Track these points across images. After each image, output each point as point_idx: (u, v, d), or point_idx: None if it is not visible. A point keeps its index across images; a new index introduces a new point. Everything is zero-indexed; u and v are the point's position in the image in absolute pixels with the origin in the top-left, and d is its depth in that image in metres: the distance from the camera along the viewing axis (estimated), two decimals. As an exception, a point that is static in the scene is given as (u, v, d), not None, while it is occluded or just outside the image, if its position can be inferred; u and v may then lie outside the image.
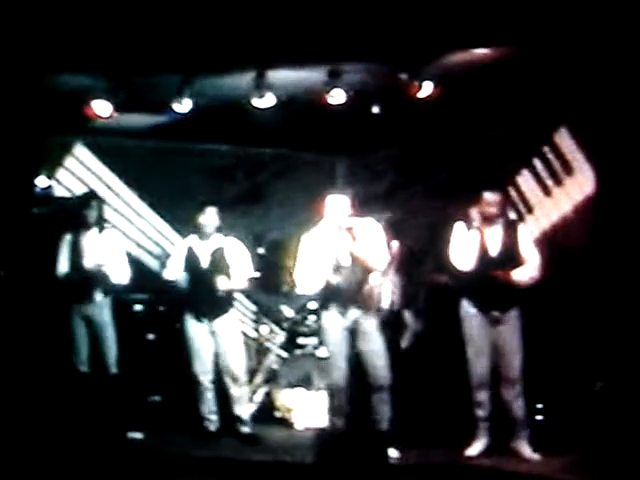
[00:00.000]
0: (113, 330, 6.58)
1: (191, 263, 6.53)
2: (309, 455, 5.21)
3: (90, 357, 6.50)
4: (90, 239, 6.55)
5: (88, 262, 6.46)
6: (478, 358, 5.89)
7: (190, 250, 6.56)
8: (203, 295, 6.46)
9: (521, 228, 6.04)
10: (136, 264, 7.35)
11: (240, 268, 6.55)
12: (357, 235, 5.88)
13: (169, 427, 6.73)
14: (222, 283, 6.41)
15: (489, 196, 5.86)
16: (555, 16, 5.53)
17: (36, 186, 7.65)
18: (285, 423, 6.97)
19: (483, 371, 5.89)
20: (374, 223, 6.05)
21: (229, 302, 6.55)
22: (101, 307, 6.51)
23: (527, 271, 5.85)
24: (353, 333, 5.92)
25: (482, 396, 5.90)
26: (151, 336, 7.34)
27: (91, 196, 6.86)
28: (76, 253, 6.50)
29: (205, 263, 6.50)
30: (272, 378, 7.14)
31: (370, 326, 5.92)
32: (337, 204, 5.94)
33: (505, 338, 5.84)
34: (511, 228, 5.96)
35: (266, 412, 6.99)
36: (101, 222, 6.63)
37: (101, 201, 6.84)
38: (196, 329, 6.49)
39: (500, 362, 5.86)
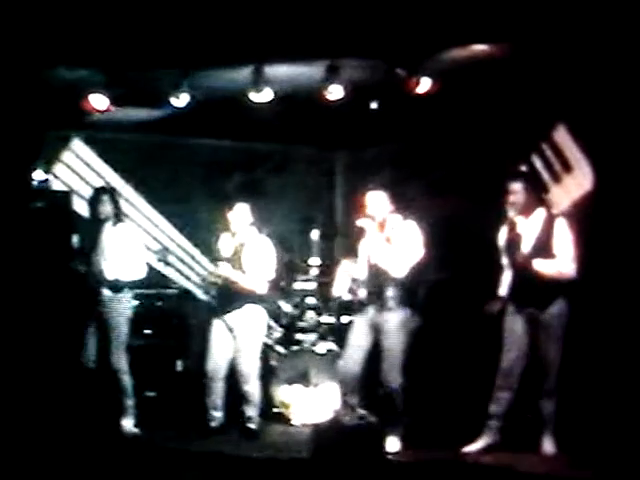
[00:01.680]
0: (126, 328, 6.50)
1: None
2: (307, 451, 5.20)
3: (97, 354, 6.44)
4: (104, 234, 6.48)
5: (101, 257, 6.42)
6: (507, 354, 5.82)
7: (219, 247, 6.61)
8: (218, 289, 6.54)
9: (558, 222, 5.86)
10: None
11: (256, 267, 6.44)
12: (387, 233, 5.95)
13: (165, 422, 6.73)
14: (223, 270, 6.41)
15: (513, 185, 5.82)
16: (553, 12, 5.52)
17: (33, 180, 7.61)
18: (283, 419, 6.96)
19: (509, 368, 5.80)
20: (411, 223, 6.05)
21: (243, 297, 6.45)
22: (113, 304, 6.46)
23: (556, 265, 5.71)
24: (376, 330, 5.99)
25: (503, 394, 5.81)
26: (148, 331, 7.33)
27: (102, 190, 6.77)
28: (88, 248, 6.46)
29: (225, 258, 6.51)
30: (270, 374, 7.12)
31: (392, 323, 5.95)
32: (375, 201, 6.02)
33: (542, 336, 5.75)
34: (548, 221, 5.84)
35: (264, 408, 6.97)
36: (116, 216, 6.54)
37: (114, 194, 6.68)
38: (214, 323, 6.52)
39: (538, 358, 5.79)
